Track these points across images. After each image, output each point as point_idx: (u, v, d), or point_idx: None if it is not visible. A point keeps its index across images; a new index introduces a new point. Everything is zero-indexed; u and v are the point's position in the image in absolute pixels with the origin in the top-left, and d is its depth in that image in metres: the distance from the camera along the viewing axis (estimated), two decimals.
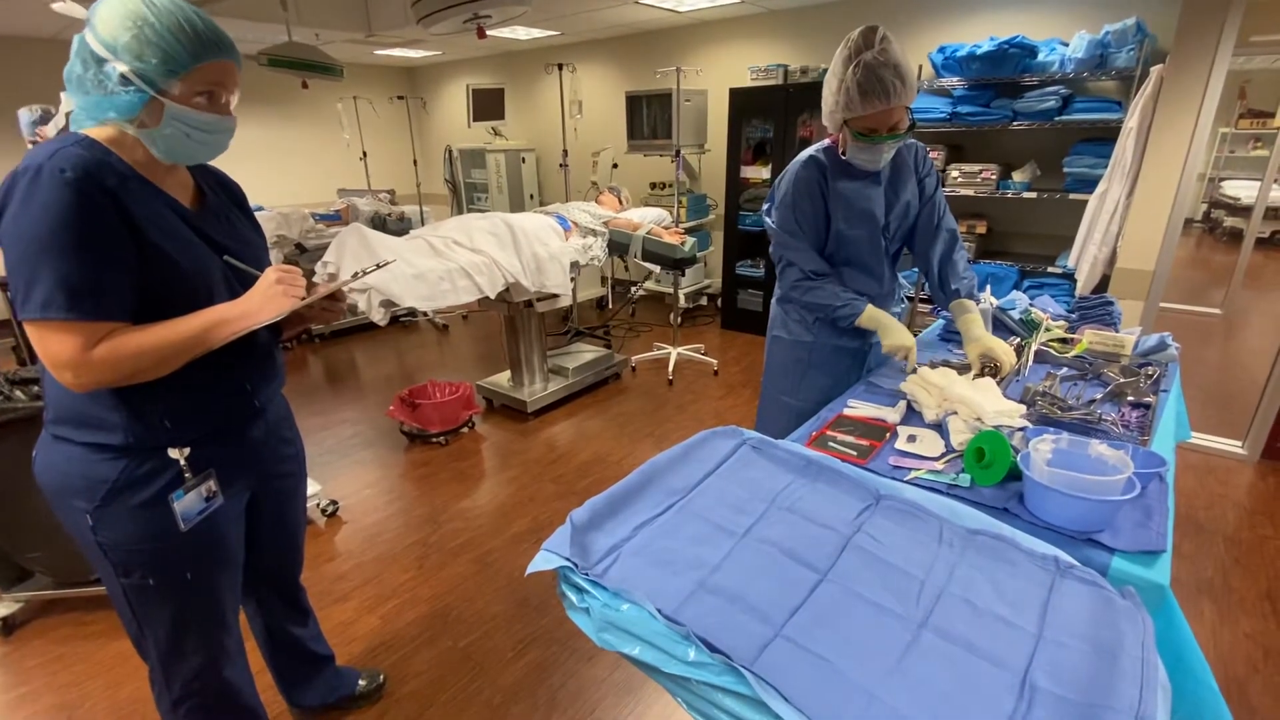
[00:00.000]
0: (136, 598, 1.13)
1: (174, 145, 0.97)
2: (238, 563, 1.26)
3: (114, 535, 1.06)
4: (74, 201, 0.87)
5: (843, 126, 1.48)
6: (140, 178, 0.97)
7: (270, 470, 1.30)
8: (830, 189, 1.59)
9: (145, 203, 0.96)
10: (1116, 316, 1.86)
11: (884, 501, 1.02)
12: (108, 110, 0.91)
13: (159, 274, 0.97)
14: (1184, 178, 2.75)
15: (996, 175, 3.54)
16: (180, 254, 1.00)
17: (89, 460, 1.03)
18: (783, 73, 4.32)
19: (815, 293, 1.64)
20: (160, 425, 1.03)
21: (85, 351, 0.90)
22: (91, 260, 0.89)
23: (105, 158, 0.94)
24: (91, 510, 1.04)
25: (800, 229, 1.63)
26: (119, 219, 0.92)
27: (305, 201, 5.84)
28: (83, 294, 0.89)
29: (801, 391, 1.78)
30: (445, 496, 2.74)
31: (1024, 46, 3.28)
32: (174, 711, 1.26)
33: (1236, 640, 1.91)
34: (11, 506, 1.88)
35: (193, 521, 1.09)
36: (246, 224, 1.20)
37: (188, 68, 0.92)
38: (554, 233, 3.30)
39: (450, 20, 2.83)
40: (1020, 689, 0.69)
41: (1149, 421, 1.31)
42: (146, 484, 1.04)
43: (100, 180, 0.90)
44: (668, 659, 0.73)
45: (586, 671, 1.81)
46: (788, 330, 1.79)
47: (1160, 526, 0.98)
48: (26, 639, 1.97)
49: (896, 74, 1.37)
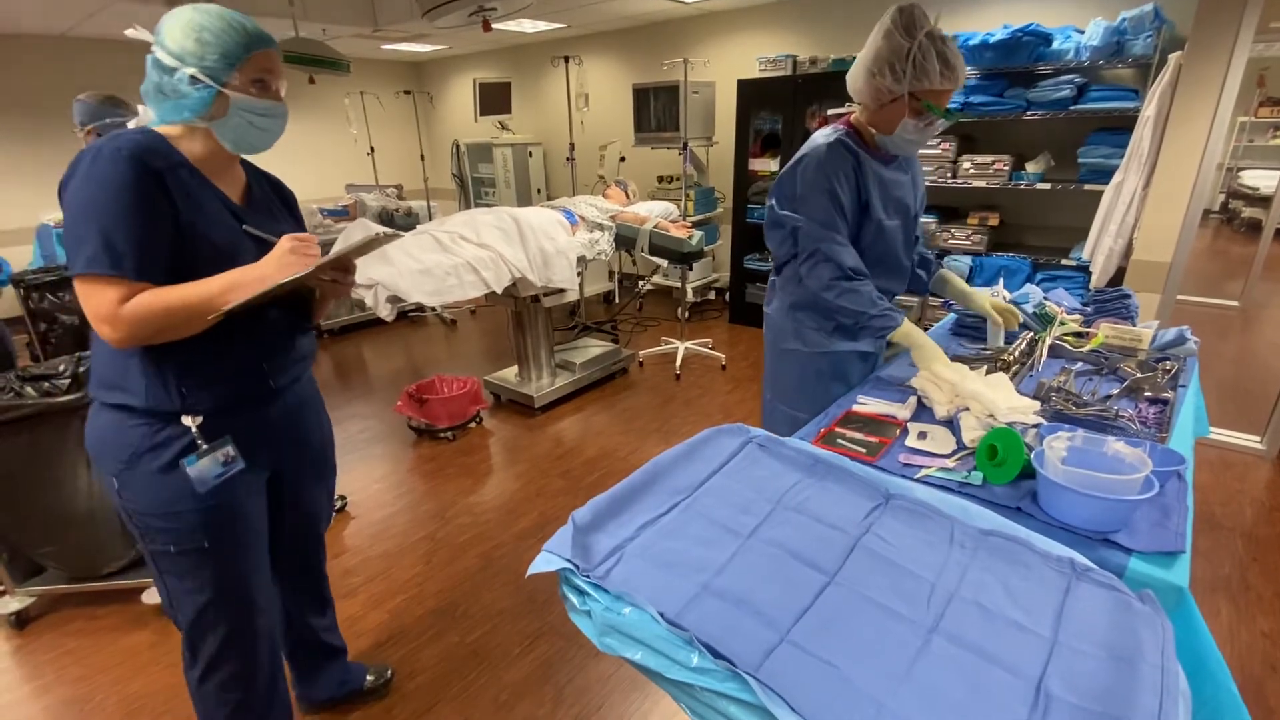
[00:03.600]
0: (160, 564, 1.20)
1: (240, 134, 1.11)
2: (260, 538, 1.29)
3: (135, 500, 1.14)
4: (125, 173, 0.99)
5: (890, 103, 1.39)
6: (191, 167, 1.10)
7: (292, 453, 1.34)
8: (866, 174, 1.47)
9: (189, 187, 1.08)
10: (1133, 310, 1.82)
11: (894, 501, 1.00)
12: (183, 111, 1.07)
13: (192, 249, 1.07)
14: (1202, 167, 2.69)
15: (1009, 166, 3.48)
16: (218, 236, 1.10)
17: (118, 425, 1.12)
18: (791, 63, 4.26)
19: (850, 295, 1.46)
20: (176, 392, 1.11)
21: (119, 306, 1.00)
22: (135, 225, 1.01)
23: (161, 146, 1.06)
24: (118, 474, 1.13)
25: (840, 219, 1.46)
26: (162, 196, 1.04)
27: (313, 197, 5.84)
28: (124, 254, 1.00)
29: (820, 406, 1.51)
30: (453, 492, 2.74)
31: (1038, 34, 3.22)
32: (200, 686, 1.29)
33: (1254, 639, 1.88)
34: (24, 502, 1.90)
35: (210, 484, 1.14)
36: (291, 223, 1.28)
37: (242, 59, 1.06)
38: (561, 227, 3.28)
39: (456, 14, 2.82)
40: (1035, 697, 0.67)
41: (1167, 418, 1.28)
42: (164, 449, 1.12)
43: (149, 161, 1.03)
44: (670, 664, 0.71)
45: (593, 667, 1.80)
46: (804, 341, 1.62)
47: (1179, 526, 0.96)
48: (39, 633, 1.99)
49: (958, 51, 1.35)
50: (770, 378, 1.77)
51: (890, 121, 1.43)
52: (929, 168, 3.66)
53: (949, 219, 3.85)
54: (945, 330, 1.96)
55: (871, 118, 1.47)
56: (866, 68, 1.40)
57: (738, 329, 4.84)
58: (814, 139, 1.52)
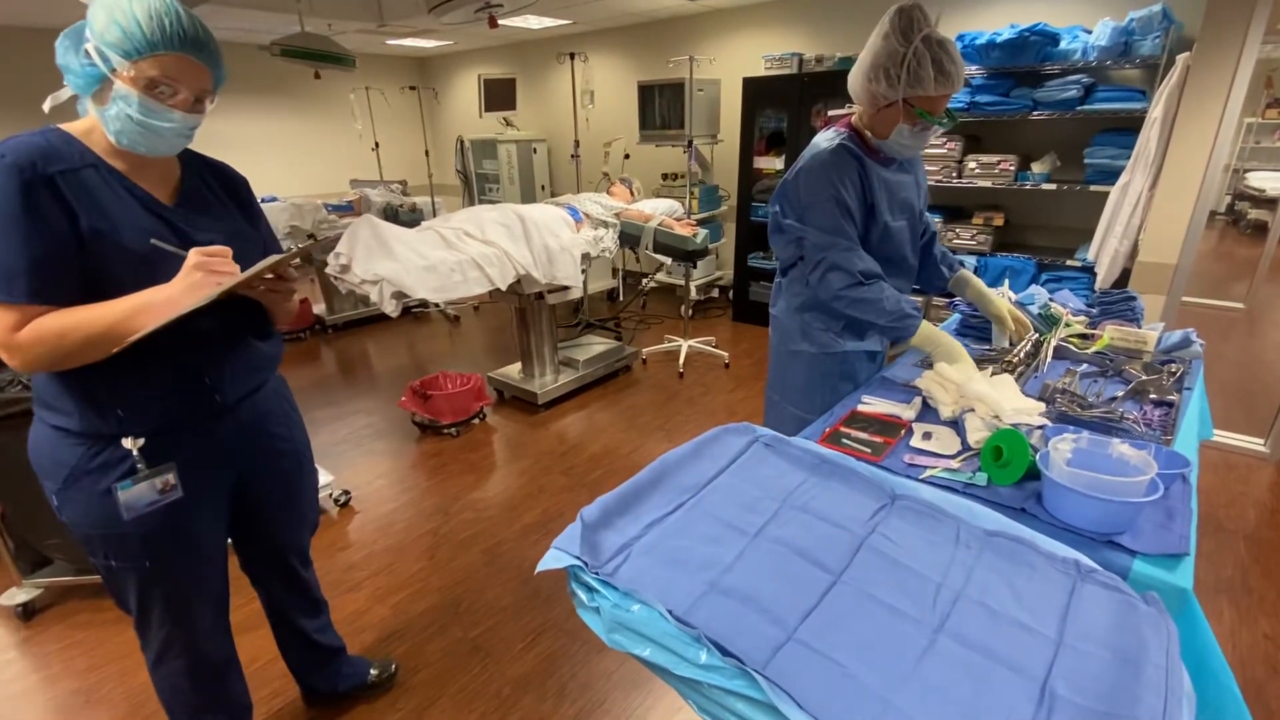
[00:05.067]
0: (104, 574, 1.18)
1: (121, 128, 0.97)
2: (211, 561, 1.25)
3: (73, 517, 1.10)
4: (8, 185, 0.90)
5: (885, 108, 1.39)
6: (103, 165, 0.99)
7: (258, 467, 1.28)
8: (871, 177, 1.47)
9: (94, 190, 0.97)
10: (1139, 312, 1.82)
11: (899, 501, 1.00)
12: (75, 87, 0.96)
13: (102, 259, 0.97)
14: (1209, 169, 2.69)
15: (1015, 166, 3.47)
16: (130, 240, 0.99)
17: (55, 443, 1.07)
18: (797, 62, 4.26)
19: (860, 305, 1.45)
20: (112, 414, 1.04)
21: (13, 333, 0.92)
22: (23, 242, 0.91)
23: (60, 145, 0.96)
24: (56, 491, 1.09)
25: (847, 224, 1.45)
26: (57, 205, 0.93)
27: (318, 192, 5.85)
28: (13, 276, 0.91)
29: (829, 406, 1.51)
30: (456, 487, 2.75)
31: (1045, 34, 3.21)
32: (153, 669, 1.31)
33: (1256, 641, 1.88)
34: (32, 494, 1.90)
35: (139, 512, 1.07)
36: (239, 216, 1.18)
37: (142, 54, 0.93)
38: (565, 224, 3.29)
39: (462, 9, 2.82)
40: (1040, 697, 0.67)
41: (1172, 420, 1.28)
42: (102, 473, 1.06)
43: (40, 167, 0.92)
44: (679, 661, 0.72)
45: (596, 664, 1.81)
46: (812, 342, 1.62)
47: (1183, 529, 0.96)
48: (46, 624, 2.00)
49: (956, 56, 1.34)
50: (776, 378, 1.77)
51: (886, 126, 1.43)
52: (934, 167, 3.66)
53: (954, 219, 3.84)
54: (951, 330, 1.96)
55: (868, 121, 1.47)
56: (864, 71, 1.39)
57: (741, 327, 4.84)
58: (816, 143, 1.52)
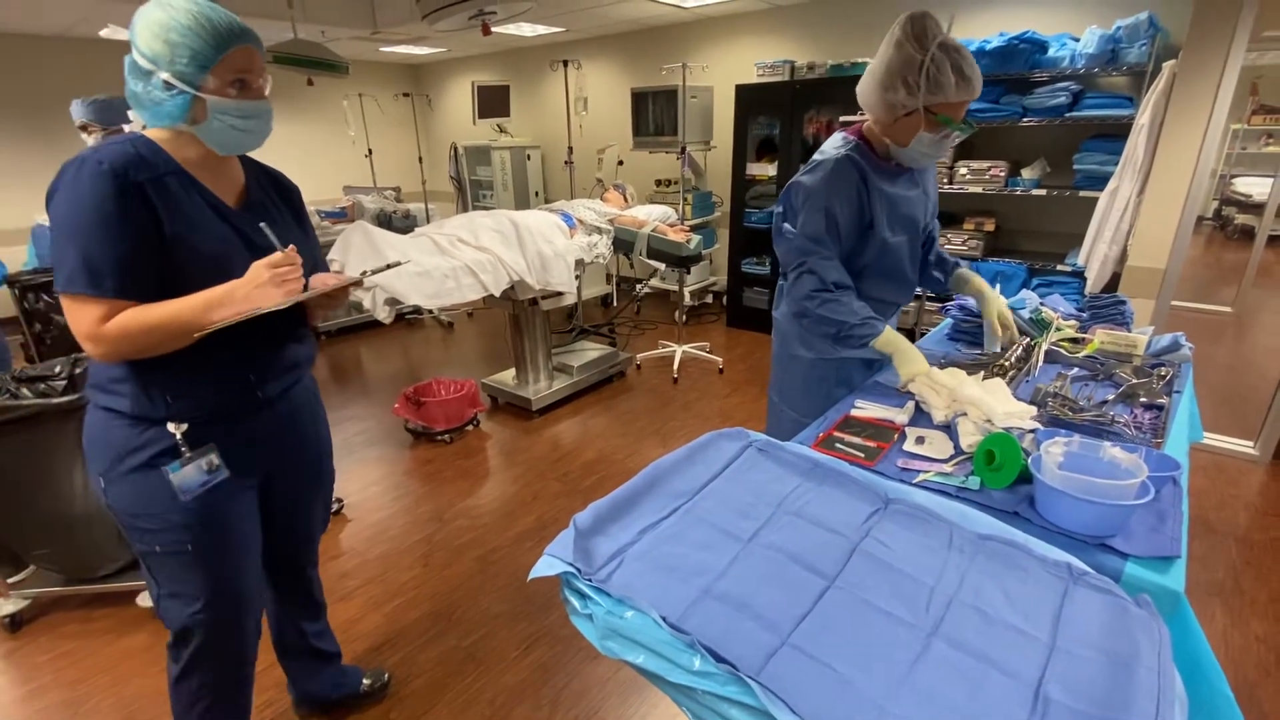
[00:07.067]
0: (149, 563, 1.21)
1: (224, 137, 1.08)
2: (248, 547, 1.28)
3: (119, 499, 1.15)
4: (105, 189, 0.98)
5: (904, 117, 1.36)
6: (183, 173, 1.08)
7: (286, 461, 1.32)
8: (872, 193, 1.46)
9: (176, 197, 1.05)
10: (1129, 316, 1.83)
11: (893, 505, 1.00)
12: (164, 118, 1.04)
13: (180, 260, 1.05)
14: (1196, 174, 2.72)
15: (1005, 172, 3.51)
16: (208, 245, 1.08)
17: (106, 425, 1.12)
18: (789, 69, 4.29)
19: (832, 306, 1.47)
20: (162, 400, 1.10)
21: (101, 324, 1.00)
22: (115, 244, 0.99)
23: (148, 155, 1.04)
24: (104, 472, 1.14)
25: (830, 236, 1.47)
26: (145, 210, 1.01)
27: (311, 199, 5.80)
28: (103, 273, 0.99)
29: (823, 411, 1.54)
30: (450, 494, 2.74)
31: (1034, 42, 3.25)
32: (175, 685, 1.29)
33: (1248, 643, 1.89)
34: (19, 503, 1.89)
35: (193, 493, 1.13)
36: (294, 225, 1.27)
37: (214, 60, 1.02)
38: (559, 230, 3.29)
39: (455, 17, 2.83)
40: (1033, 701, 0.67)
41: (1162, 423, 1.29)
42: (143, 450, 1.11)
43: (132, 174, 1.00)
44: (672, 668, 0.72)
45: (591, 671, 1.80)
46: (809, 347, 1.63)
47: (1174, 531, 0.97)
48: (33, 635, 1.98)
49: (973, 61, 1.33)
50: (777, 380, 1.78)
51: (905, 134, 1.40)
52: None
53: (945, 224, 3.86)
54: (942, 334, 1.97)
55: (885, 131, 1.44)
56: (878, 81, 1.36)
57: (735, 332, 4.85)
58: (824, 149, 1.52)
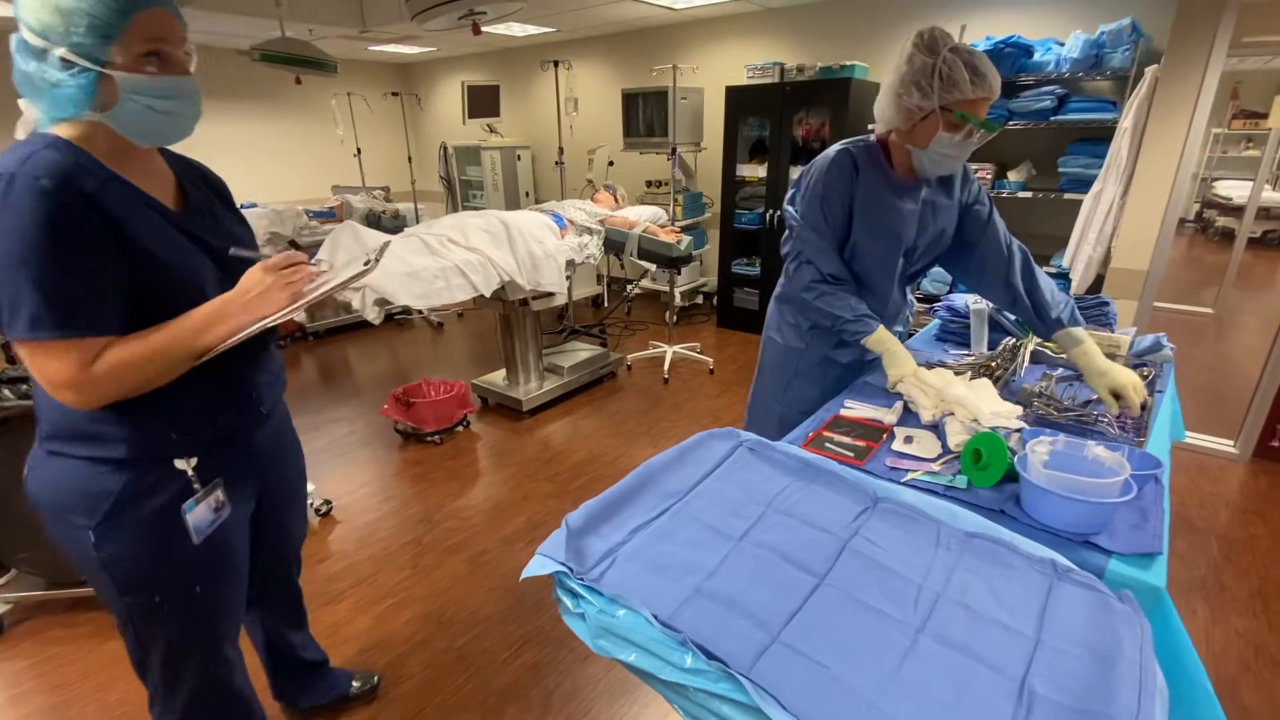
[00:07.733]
0: (140, 615, 1.08)
1: (142, 123, 0.89)
2: (244, 572, 1.23)
3: (119, 551, 1.00)
4: (54, 211, 0.81)
5: (922, 120, 1.36)
6: (118, 178, 0.90)
7: (275, 475, 1.28)
8: (858, 191, 1.48)
9: (127, 204, 0.90)
10: (1112, 317, 1.86)
11: (881, 504, 1.02)
12: (65, 105, 0.84)
13: (147, 278, 0.91)
14: (1178, 178, 2.76)
15: (992, 175, 3.55)
16: (168, 255, 0.94)
17: (89, 474, 0.97)
18: (779, 71, 4.31)
19: (828, 299, 1.52)
20: (166, 437, 0.99)
21: (85, 369, 0.85)
22: (78, 272, 0.83)
23: (80, 159, 0.87)
24: (94, 526, 0.98)
25: (826, 225, 1.51)
26: (103, 225, 0.86)
27: (299, 198, 5.80)
28: (73, 309, 0.83)
29: (785, 399, 1.72)
30: (440, 496, 2.73)
31: (1020, 46, 3.29)
32: None
33: (1229, 639, 1.92)
34: (1, 506, 1.86)
35: (205, 534, 1.05)
36: (232, 219, 1.14)
37: (119, 27, 0.83)
38: (549, 231, 3.29)
39: (445, 16, 2.82)
40: (1019, 695, 0.68)
41: (1145, 423, 1.31)
42: (153, 495, 0.99)
43: (79, 185, 0.84)
44: (664, 665, 0.72)
45: (582, 671, 1.80)
46: (781, 334, 1.72)
47: (1156, 528, 0.99)
48: (16, 640, 1.95)
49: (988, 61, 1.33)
50: (759, 360, 1.85)
51: (924, 138, 1.40)
52: None
53: None
54: (930, 336, 1.99)
55: (904, 138, 1.44)
56: (893, 91, 1.38)
57: (725, 333, 4.87)
58: (832, 146, 1.55)
